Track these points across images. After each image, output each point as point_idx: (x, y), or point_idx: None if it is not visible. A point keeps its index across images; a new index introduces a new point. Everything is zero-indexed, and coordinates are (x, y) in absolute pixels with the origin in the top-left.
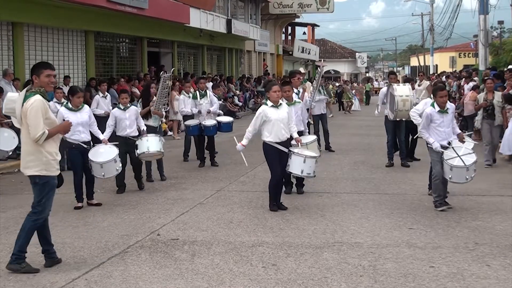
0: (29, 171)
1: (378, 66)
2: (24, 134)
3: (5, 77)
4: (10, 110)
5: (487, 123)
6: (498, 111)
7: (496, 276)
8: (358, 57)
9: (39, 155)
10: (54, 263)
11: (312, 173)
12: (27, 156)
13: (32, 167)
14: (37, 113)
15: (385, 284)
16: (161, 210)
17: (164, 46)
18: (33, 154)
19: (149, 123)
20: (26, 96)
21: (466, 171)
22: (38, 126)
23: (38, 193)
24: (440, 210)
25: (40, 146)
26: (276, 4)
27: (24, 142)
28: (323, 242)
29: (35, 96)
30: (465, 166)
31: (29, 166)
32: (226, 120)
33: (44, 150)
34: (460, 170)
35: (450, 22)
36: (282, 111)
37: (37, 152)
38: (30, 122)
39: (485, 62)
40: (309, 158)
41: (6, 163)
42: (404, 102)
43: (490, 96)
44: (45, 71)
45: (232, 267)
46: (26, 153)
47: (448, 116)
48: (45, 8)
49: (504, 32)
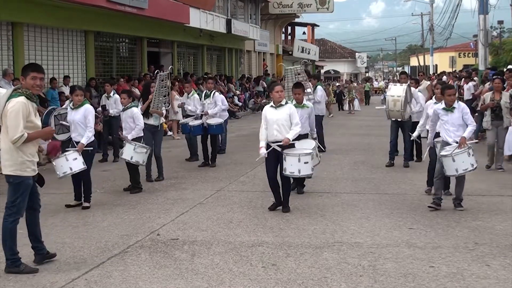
0: (4, 170)
1: (378, 66)
2: (3, 133)
3: (5, 77)
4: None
5: (494, 124)
6: (506, 112)
7: (496, 276)
8: (358, 57)
9: (15, 154)
10: (44, 258)
11: (309, 172)
12: (4, 155)
13: (7, 166)
14: (17, 115)
15: (385, 284)
16: (161, 210)
17: (164, 46)
18: (9, 154)
19: (150, 122)
20: (10, 95)
21: (468, 156)
22: (17, 128)
23: (12, 193)
24: (433, 207)
25: (17, 147)
26: (276, 4)
27: (3, 141)
28: (323, 242)
29: (19, 97)
30: (450, 155)
31: (5, 165)
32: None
33: (20, 150)
34: (447, 160)
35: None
36: (280, 112)
37: (13, 151)
38: (9, 123)
39: (485, 62)
40: (304, 156)
41: None
42: (395, 102)
43: (497, 96)
44: (31, 73)
45: (232, 267)
46: (3, 152)
47: (453, 115)
48: (45, 8)
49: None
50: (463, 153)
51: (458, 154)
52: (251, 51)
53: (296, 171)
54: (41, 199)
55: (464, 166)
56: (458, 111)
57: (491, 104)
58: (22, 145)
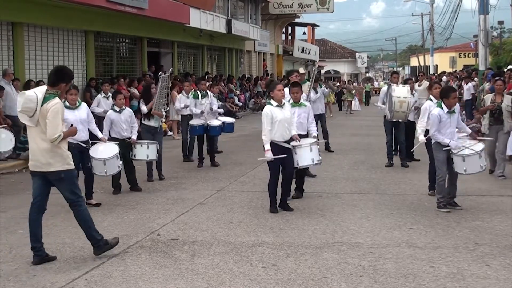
0: (52, 167)
1: (378, 66)
2: (39, 134)
3: (4, 77)
4: (27, 109)
5: (494, 129)
6: (507, 116)
7: (496, 276)
8: (358, 57)
9: (59, 151)
10: (43, 260)
11: (320, 159)
12: (46, 154)
13: (54, 163)
14: (57, 115)
15: (385, 284)
16: (161, 210)
17: (164, 46)
18: (52, 152)
19: (151, 124)
20: (45, 97)
21: (479, 158)
22: (57, 128)
23: (67, 186)
24: (445, 211)
25: (56, 144)
26: (276, 4)
27: (40, 141)
28: (323, 242)
29: (55, 98)
30: (476, 152)
31: (52, 163)
32: (229, 121)
33: (60, 146)
34: (473, 158)
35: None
36: (286, 111)
37: (56, 148)
38: (50, 122)
39: (485, 62)
40: (314, 145)
41: (6, 163)
42: (401, 104)
43: (498, 99)
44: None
45: (232, 267)
46: (45, 151)
47: (454, 116)
48: (45, 8)
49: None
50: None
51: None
52: (251, 51)
53: (310, 161)
54: None
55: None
56: (457, 111)
57: (491, 106)
58: (60, 142)
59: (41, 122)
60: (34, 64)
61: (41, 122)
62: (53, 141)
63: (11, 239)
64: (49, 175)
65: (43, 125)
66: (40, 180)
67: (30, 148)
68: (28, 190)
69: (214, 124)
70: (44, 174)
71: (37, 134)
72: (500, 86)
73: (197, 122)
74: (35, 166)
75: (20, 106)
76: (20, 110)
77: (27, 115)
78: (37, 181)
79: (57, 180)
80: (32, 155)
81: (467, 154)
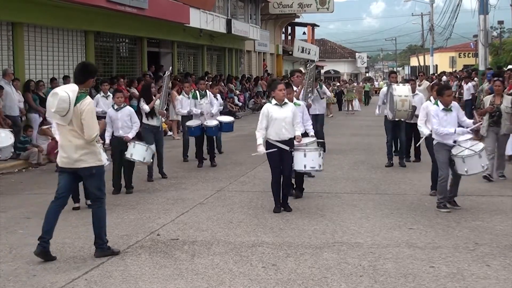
0: (84, 163)
1: (378, 66)
2: (71, 131)
3: (4, 77)
4: (61, 110)
5: (493, 131)
6: (506, 118)
7: (496, 276)
8: (358, 57)
9: (92, 147)
10: (46, 255)
11: (317, 167)
12: (79, 151)
13: (87, 159)
14: (93, 114)
15: (385, 284)
16: (161, 210)
17: (164, 46)
18: (86, 148)
19: (153, 123)
20: (77, 97)
21: (479, 158)
22: (94, 127)
23: (97, 182)
24: (445, 211)
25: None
26: (276, 4)
27: (76, 138)
28: (323, 242)
29: (87, 97)
30: (476, 153)
31: (84, 159)
32: (227, 120)
33: (93, 143)
34: (473, 159)
35: (450, 22)
36: (285, 110)
37: (89, 145)
38: (86, 122)
39: (485, 62)
40: (310, 152)
41: (6, 163)
42: (403, 102)
43: (498, 101)
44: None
45: (232, 267)
46: (77, 148)
47: (452, 114)
48: (45, 8)
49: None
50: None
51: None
52: (251, 51)
53: (301, 167)
54: (41, 200)
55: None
56: (455, 110)
57: (489, 109)
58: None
59: (74, 121)
60: (34, 64)
61: (74, 121)
62: (91, 140)
63: (11, 239)
64: (81, 171)
65: (76, 124)
66: (69, 176)
67: (61, 145)
68: (27, 190)
69: (210, 124)
70: (75, 170)
71: (68, 131)
72: (498, 87)
73: (193, 123)
74: (66, 163)
75: (54, 107)
76: (55, 110)
77: (59, 115)
78: (66, 177)
79: (88, 175)
80: (63, 152)
81: (467, 155)
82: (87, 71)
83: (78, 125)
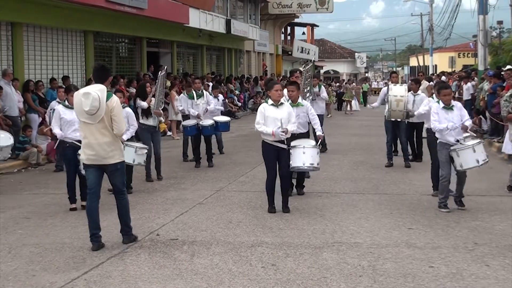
0: (112, 159)
1: (377, 66)
2: (100, 129)
3: (4, 77)
4: (94, 108)
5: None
6: None
7: (495, 276)
8: (358, 57)
9: (119, 144)
10: (100, 246)
11: (315, 164)
12: (108, 147)
13: (115, 155)
14: (121, 111)
15: (384, 284)
16: (161, 210)
17: (163, 46)
18: (114, 145)
19: (149, 123)
20: (108, 95)
21: (473, 152)
22: (123, 123)
23: (121, 176)
24: (445, 211)
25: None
26: (276, 4)
27: (104, 135)
28: (322, 242)
29: (113, 96)
30: (469, 146)
31: (112, 156)
32: (223, 119)
33: (119, 139)
34: (465, 152)
35: (450, 22)
36: (281, 111)
37: (117, 142)
38: (117, 118)
39: (484, 62)
40: (309, 148)
41: (6, 163)
42: (398, 102)
43: None
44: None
45: (231, 267)
46: (106, 145)
47: (454, 113)
48: (44, 8)
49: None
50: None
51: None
52: (251, 51)
53: (300, 164)
54: (40, 200)
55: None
56: (456, 109)
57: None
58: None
59: (105, 118)
60: (34, 64)
61: (105, 118)
62: (121, 135)
63: (10, 239)
64: (108, 167)
65: (107, 121)
66: (96, 171)
67: (88, 143)
68: (26, 190)
69: (205, 123)
70: (102, 167)
71: (97, 129)
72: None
73: (189, 123)
74: (93, 160)
75: (88, 106)
76: (88, 109)
77: (90, 113)
78: (93, 172)
79: (114, 170)
80: (90, 150)
81: (460, 148)
82: (106, 70)
83: (109, 122)
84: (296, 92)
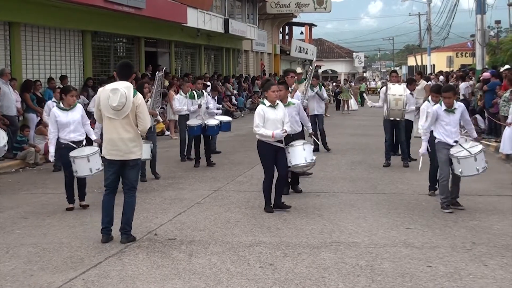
0: (134, 155)
1: (375, 66)
2: (124, 125)
3: (2, 77)
4: (121, 104)
5: None
6: None
7: (493, 275)
8: (356, 56)
9: (140, 141)
10: (108, 239)
11: (314, 158)
12: (130, 143)
13: (136, 151)
14: (146, 108)
15: (382, 284)
16: (159, 210)
17: (161, 46)
18: (136, 141)
19: None
20: (133, 92)
21: (474, 161)
22: (148, 120)
23: (136, 173)
24: (448, 212)
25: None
26: (274, 4)
27: (127, 131)
28: (320, 242)
29: (138, 93)
30: (471, 155)
31: (134, 151)
32: (226, 119)
33: (140, 136)
34: (467, 161)
35: (447, 21)
36: (279, 111)
37: (139, 139)
38: (143, 115)
39: (482, 61)
40: (307, 145)
41: (3, 163)
42: (397, 102)
43: None
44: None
45: (229, 267)
46: (129, 141)
47: (455, 116)
48: (42, 8)
49: (501, 32)
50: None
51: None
52: (249, 51)
53: (302, 160)
54: (38, 199)
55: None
56: (458, 111)
57: None
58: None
59: (131, 115)
60: (31, 64)
61: (131, 115)
62: (145, 132)
63: (8, 239)
64: (128, 162)
65: (132, 117)
66: (116, 166)
67: (110, 138)
68: (24, 190)
69: (212, 123)
70: (123, 162)
71: (121, 125)
72: None
73: (195, 123)
74: (115, 155)
75: (116, 101)
76: (116, 105)
77: (116, 109)
78: (113, 167)
79: (134, 166)
80: (111, 145)
81: (462, 157)
82: (130, 66)
83: (133, 119)
84: (284, 92)
